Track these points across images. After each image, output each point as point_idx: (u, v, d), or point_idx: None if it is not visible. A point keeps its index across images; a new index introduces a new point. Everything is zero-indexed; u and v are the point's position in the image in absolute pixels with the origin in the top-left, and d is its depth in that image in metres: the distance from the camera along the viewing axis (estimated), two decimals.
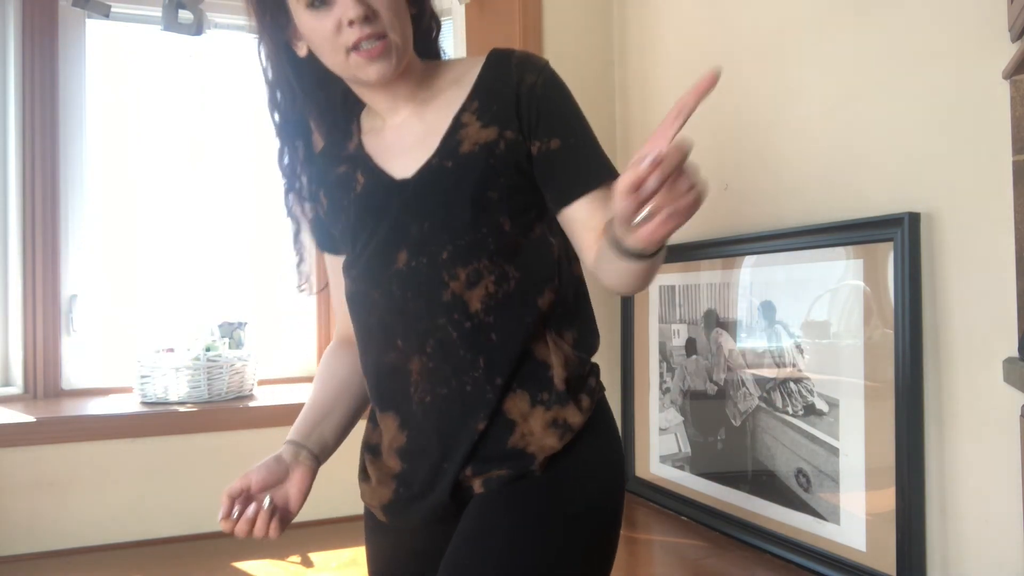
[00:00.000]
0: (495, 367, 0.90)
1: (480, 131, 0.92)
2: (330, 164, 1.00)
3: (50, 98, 1.94)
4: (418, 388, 0.93)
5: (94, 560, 1.68)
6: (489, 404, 0.90)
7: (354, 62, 0.89)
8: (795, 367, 1.52)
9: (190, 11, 1.91)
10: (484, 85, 0.95)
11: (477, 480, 0.91)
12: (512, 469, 0.90)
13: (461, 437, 0.91)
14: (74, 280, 1.99)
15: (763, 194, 1.67)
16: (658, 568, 1.56)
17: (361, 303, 0.96)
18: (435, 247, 0.90)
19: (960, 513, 1.25)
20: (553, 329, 0.94)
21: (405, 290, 0.91)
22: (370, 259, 0.94)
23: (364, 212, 0.95)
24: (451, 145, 0.92)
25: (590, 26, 2.24)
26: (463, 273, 0.90)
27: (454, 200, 0.91)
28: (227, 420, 1.85)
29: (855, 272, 1.40)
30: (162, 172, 2.14)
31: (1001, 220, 1.16)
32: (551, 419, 0.91)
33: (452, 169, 0.91)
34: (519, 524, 0.88)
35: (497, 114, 0.93)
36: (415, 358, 0.92)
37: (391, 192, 0.94)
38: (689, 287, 1.85)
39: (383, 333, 0.94)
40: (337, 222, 0.99)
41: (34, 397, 1.92)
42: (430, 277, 0.90)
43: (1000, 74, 1.14)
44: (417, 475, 0.94)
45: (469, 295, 0.90)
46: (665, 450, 1.92)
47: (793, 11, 1.58)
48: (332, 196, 0.99)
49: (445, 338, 0.90)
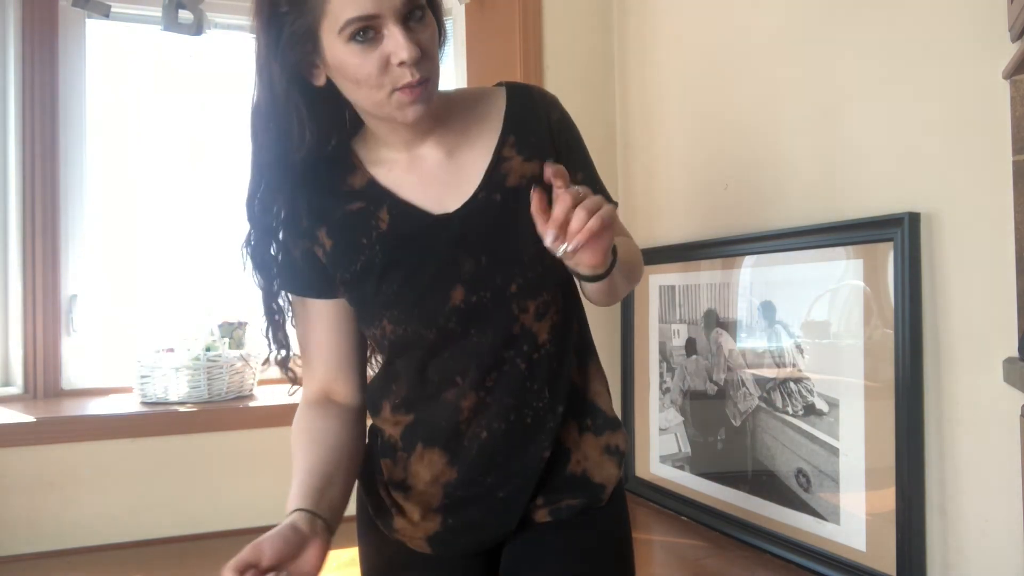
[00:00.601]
0: (558, 396, 0.92)
1: (524, 164, 0.92)
2: (333, 200, 0.92)
3: (50, 98, 1.94)
4: (471, 424, 0.92)
5: (94, 560, 1.68)
6: (551, 433, 0.91)
7: (396, 102, 0.85)
8: (795, 367, 1.52)
9: (190, 11, 1.91)
10: (515, 119, 0.94)
11: (544, 509, 0.94)
12: (585, 499, 0.94)
13: (523, 468, 0.92)
14: (74, 280, 1.99)
15: (763, 194, 1.67)
16: (658, 568, 1.56)
17: (414, 346, 0.92)
18: (501, 281, 0.89)
19: (960, 513, 1.25)
20: (587, 355, 0.99)
21: (467, 326, 0.90)
22: (418, 299, 0.89)
23: (397, 250, 0.89)
24: (497, 179, 0.91)
25: (590, 26, 2.24)
26: (532, 306, 0.90)
27: (518, 234, 0.88)
28: (227, 420, 1.85)
29: (855, 272, 1.40)
30: (162, 172, 2.14)
31: (1001, 220, 1.16)
32: (604, 445, 0.96)
33: (503, 203, 0.90)
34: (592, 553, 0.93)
35: (536, 148, 0.93)
36: (471, 394, 0.91)
37: (433, 227, 0.90)
38: (689, 287, 1.85)
39: (441, 373, 0.92)
40: (351, 263, 0.90)
41: (34, 397, 1.92)
42: (498, 311, 0.89)
43: (1000, 74, 1.14)
44: (470, 506, 0.94)
45: (538, 327, 0.91)
46: (665, 450, 1.92)
47: (793, 11, 1.58)
48: (342, 235, 0.91)
49: (512, 371, 0.90)
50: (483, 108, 0.96)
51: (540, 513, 0.94)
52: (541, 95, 0.98)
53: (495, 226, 0.90)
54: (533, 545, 0.94)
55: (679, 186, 1.98)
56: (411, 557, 0.98)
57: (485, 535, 0.95)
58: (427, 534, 0.95)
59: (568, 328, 0.95)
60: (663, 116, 2.05)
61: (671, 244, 1.91)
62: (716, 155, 1.83)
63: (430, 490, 0.94)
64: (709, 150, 1.87)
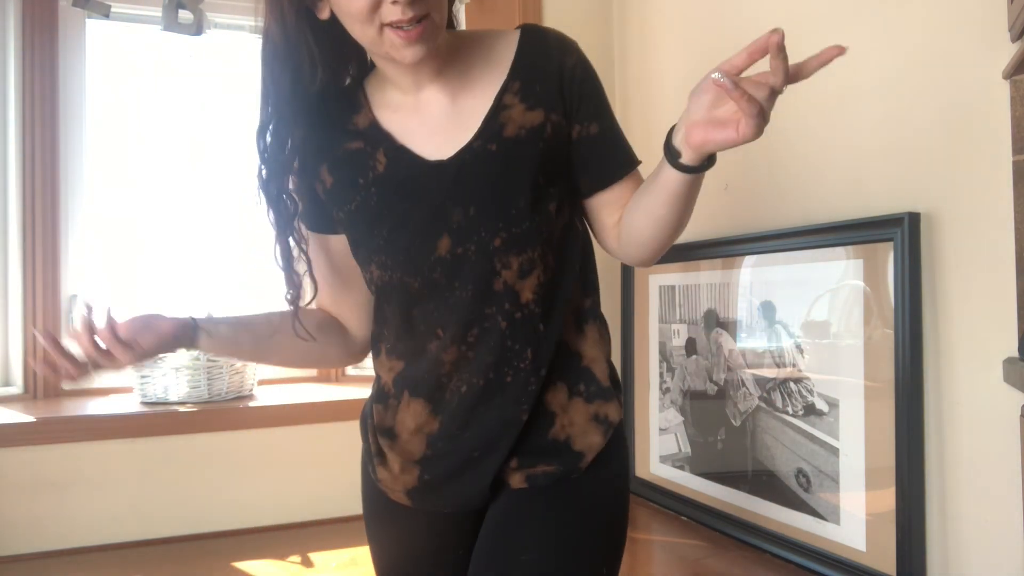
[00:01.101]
0: (541, 358, 0.89)
1: (525, 114, 0.88)
2: (337, 138, 0.92)
3: (50, 98, 1.94)
4: (452, 378, 0.90)
5: (94, 560, 1.68)
6: (532, 396, 0.89)
7: (389, 41, 0.82)
8: (795, 367, 1.52)
9: (190, 11, 1.91)
10: (523, 64, 0.90)
11: (519, 474, 0.90)
12: (561, 466, 0.90)
13: (501, 428, 0.90)
14: (74, 280, 1.99)
15: (763, 194, 1.67)
16: (658, 568, 1.56)
17: (399, 293, 0.91)
18: (486, 234, 0.86)
19: (960, 513, 1.25)
20: (585, 319, 0.95)
21: (451, 279, 0.88)
22: (406, 246, 0.88)
23: (391, 195, 0.88)
24: (494, 128, 0.88)
25: (590, 26, 2.24)
26: (516, 262, 0.87)
27: (507, 186, 0.86)
28: (227, 420, 1.85)
29: (855, 272, 1.40)
30: (162, 172, 2.14)
31: (1001, 220, 1.16)
32: (593, 413, 0.92)
33: (498, 153, 0.87)
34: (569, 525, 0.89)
35: (541, 96, 0.89)
36: (453, 348, 0.89)
37: (426, 175, 0.88)
38: (689, 287, 1.85)
39: (425, 323, 0.90)
40: (347, 203, 0.91)
41: (34, 397, 1.92)
42: (480, 265, 0.87)
43: (1000, 74, 1.14)
44: (444, 461, 0.92)
45: (521, 285, 0.88)
46: (665, 450, 1.92)
47: (793, 11, 1.58)
48: (341, 174, 0.91)
49: (492, 327, 0.88)
50: (492, 51, 0.92)
51: (516, 477, 0.91)
52: (558, 40, 0.93)
53: (486, 176, 0.87)
54: (509, 513, 0.91)
55: None
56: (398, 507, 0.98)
57: (459, 494, 0.93)
58: (405, 487, 0.95)
59: (556, 289, 0.91)
60: (663, 116, 2.05)
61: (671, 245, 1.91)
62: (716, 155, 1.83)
63: (414, 440, 0.94)
64: None
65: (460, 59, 0.92)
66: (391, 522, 1.01)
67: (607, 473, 0.93)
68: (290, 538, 1.80)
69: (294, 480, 1.89)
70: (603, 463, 0.92)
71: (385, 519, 1.01)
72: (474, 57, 0.92)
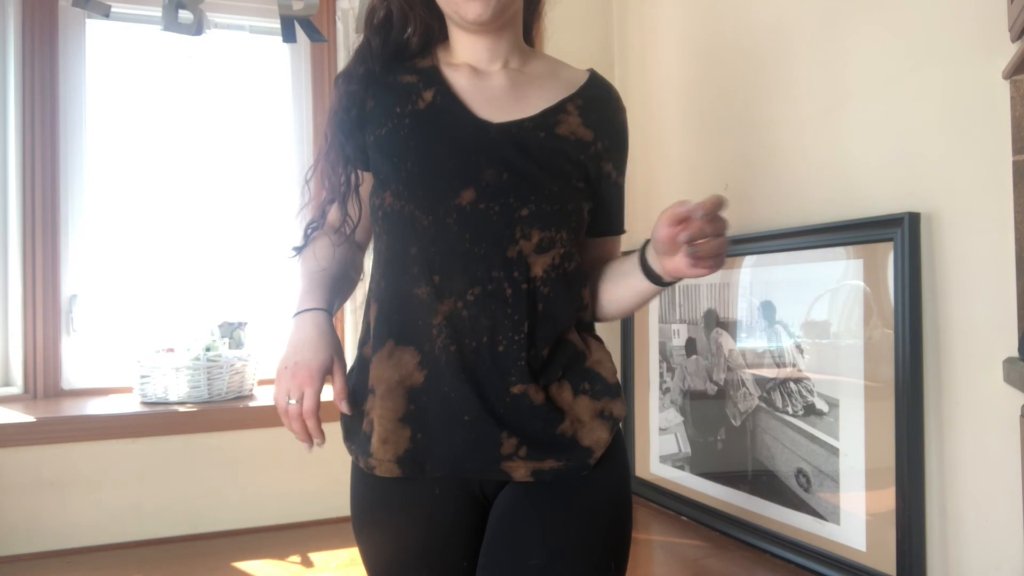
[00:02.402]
0: (536, 338, 0.89)
1: (580, 127, 0.93)
2: (392, 70, 0.95)
3: (50, 98, 1.94)
4: (442, 333, 0.88)
5: (94, 560, 1.68)
6: (523, 372, 0.88)
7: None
8: (795, 367, 1.52)
9: (190, 11, 1.91)
10: (588, 94, 0.97)
11: (525, 467, 0.89)
12: (570, 461, 0.89)
13: (491, 396, 0.88)
14: (74, 280, 1.99)
15: (763, 194, 1.67)
16: (658, 568, 1.56)
17: (404, 225, 0.90)
18: (515, 200, 0.88)
19: (960, 513, 1.25)
20: (589, 327, 0.98)
21: (464, 229, 0.88)
22: (428, 184, 0.89)
23: (425, 131, 0.90)
24: (550, 121, 0.92)
25: (590, 26, 2.24)
26: (537, 236, 0.89)
27: (546, 167, 0.90)
28: (227, 420, 1.85)
29: (855, 272, 1.40)
30: (162, 172, 2.14)
31: (1001, 220, 1.16)
32: (599, 410, 0.92)
33: (545, 141, 0.91)
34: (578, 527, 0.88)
35: (598, 124, 0.95)
36: (449, 301, 0.88)
37: (468, 126, 0.91)
38: (689, 287, 1.85)
39: (421, 264, 0.89)
40: (378, 127, 0.93)
41: (34, 397, 1.92)
42: (500, 228, 0.88)
43: (1000, 74, 1.14)
44: (433, 417, 0.89)
45: (536, 260, 0.89)
46: (665, 450, 1.92)
47: (793, 11, 1.58)
48: (382, 99, 0.94)
49: (496, 292, 0.88)
50: (561, 72, 0.99)
51: (521, 470, 0.89)
52: (619, 97, 1.02)
53: (530, 154, 0.90)
54: (516, 511, 0.89)
55: (679, 186, 1.98)
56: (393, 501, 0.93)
57: (453, 457, 0.89)
58: (397, 453, 0.90)
59: (567, 279, 0.92)
60: (663, 116, 2.05)
61: None
62: (716, 155, 1.83)
63: (393, 394, 0.90)
64: (709, 150, 1.87)
65: (529, 62, 0.99)
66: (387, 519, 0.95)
67: (613, 472, 0.93)
68: (290, 538, 1.80)
69: (294, 480, 1.89)
70: (609, 461, 0.92)
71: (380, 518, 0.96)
72: (543, 68, 0.99)
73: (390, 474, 0.91)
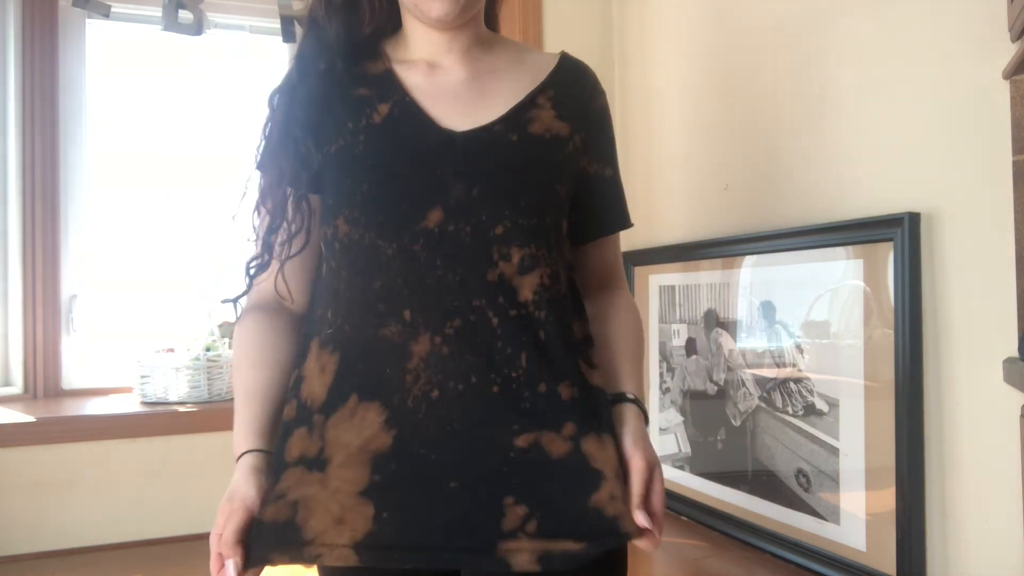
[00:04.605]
0: (541, 370, 0.76)
1: (555, 120, 0.84)
2: (341, 83, 0.84)
3: (50, 98, 1.94)
4: (419, 378, 0.75)
5: (94, 560, 1.68)
6: (527, 416, 0.73)
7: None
8: (795, 367, 1.52)
9: (190, 11, 1.91)
10: (561, 81, 0.88)
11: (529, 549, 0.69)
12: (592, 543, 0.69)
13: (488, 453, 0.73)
14: (74, 280, 1.99)
15: (763, 194, 1.67)
16: (658, 568, 1.56)
17: (364, 256, 0.78)
18: (488, 218, 0.77)
19: (960, 513, 1.25)
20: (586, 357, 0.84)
21: (434, 256, 0.77)
22: (389, 206, 0.78)
23: (382, 147, 0.80)
24: (521, 119, 0.83)
25: (590, 25, 2.24)
26: (517, 255, 0.78)
27: (523, 178, 0.80)
28: (227, 420, 1.81)
29: (855, 272, 1.40)
30: (162, 172, 2.14)
31: (1001, 220, 1.16)
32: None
33: (519, 144, 0.82)
34: None
35: (572, 114, 0.86)
36: (424, 338, 0.75)
37: (431, 137, 0.80)
38: (689, 287, 1.85)
39: (387, 300, 0.77)
40: (327, 144, 0.82)
41: (34, 397, 1.92)
42: (474, 249, 0.77)
43: (1000, 74, 1.14)
44: (404, 491, 0.73)
45: (521, 282, 0.78)
46: (665, 450, 1.92)
47: (792, 11, 1.58)
48: (332, 115, 0.83)
49: (480, 322, 0.75)
50: (527, 58, 0.91)
51: (524, 555, 0.68)
52: (595, 78, 0.93)
53: (501, 163, 0.80)
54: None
55: (679, 186, 1.98)
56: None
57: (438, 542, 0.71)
58: (355, 537, 0.71)
59: (562, 300, 0.81)
60: (663, 116, 2.05)
61: (671, 244, 1.91)
62: (716, 155, 1.83)
63: (352, 463, 0.74)
64: (709, 150, 1.87)
65: (492, 50, 0.90)
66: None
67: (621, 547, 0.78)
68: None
69: None
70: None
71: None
72: (508, 55, 0.91)
73: (343, 562, 0.72)
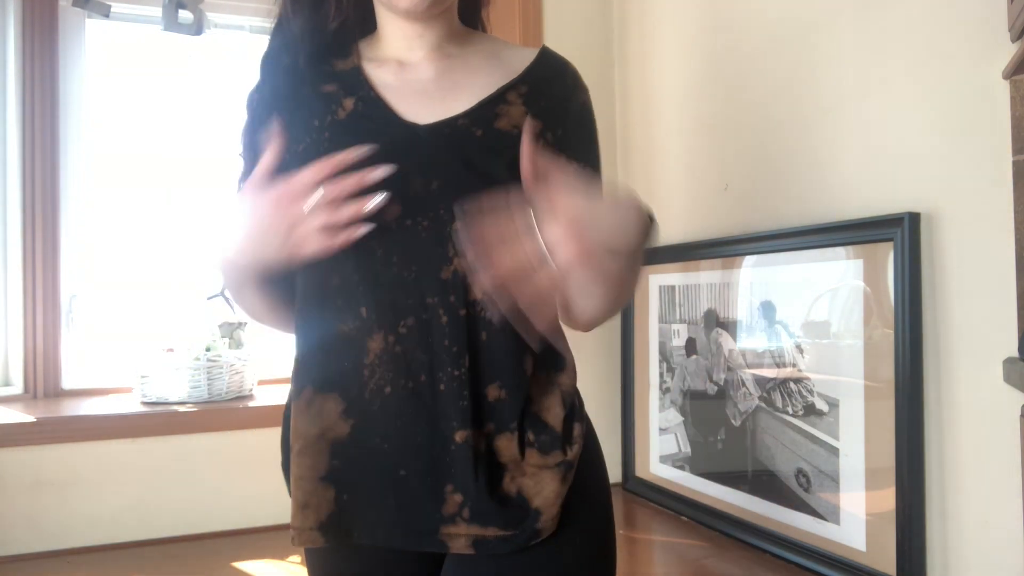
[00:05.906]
0: (481, 371, 0.78)
1: (524, 116, 0.82)
2: (309, 79, 0.85)
3: (50, 98, 1.94)
4: (374, 374, 0.78)
5: (94, 560, 1.68)
6: (464, 415, 0.77)
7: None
8: (795, 367, 1.52)
9: (190, 11, 1.91)
10: (536, 77, 0.86)
11: (465, 534, 0.76)
12: (516, 530, 0.76)
13: (429, 445, 0.78)
14: (74, 280, 1.99)
15: (763, 194, 1.67)
16: (658, 568, 1.56)
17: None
18: (445, 213, 0.77)
19: (960, 513, 1.25)
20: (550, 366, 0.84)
21: (391, 251, 0.78)
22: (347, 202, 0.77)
23: (346, 142, 0.77)
24: (487, 114, 0.82)
25: (590, 25, 2.24)
26: None
27: (483, 173, 0.79)
28: (227, 420, 1.85)
29: (855, 272, 1.40)
30: (162, 172, 2.14)
31: (1001, 220, 1.16)
32: (551, 463, 0.80)
33: (483, 139, 0.80)
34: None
35: (546, 112, 0.84)
36: (379, 336, 0.77)
37: (393, 131, 0.80)
38: (689, 287, 1.85)
39: (345, 297, 0.79)
40: (295, 143, 0.81)
41: (34, 397, 1.92)
42: (430, 245, 0.77)
43: (1000, 74, 1.14)
44: (361, 475, 0.79)
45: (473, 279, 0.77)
46: (665, 450, 1.92)
47: (792, 11, 1.58)
48: (300, 113, 0.83)
49: (432, 320, 0.77)
50: (503, 53, 0.89)
51: (461, 540, 0.76)
52: (576, 74, 0.90)
53: (462, 159, 0.79)
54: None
55: (679, 186, 1.98)
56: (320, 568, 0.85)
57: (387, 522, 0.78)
58: (319, 518, 0.79)
59: None
60: (663, 116, 2.05)
61: (671, 244, 1.91)
62: (716, 155, 1.83)
63: (312, 449, 0.79)
64: (709, 150, 1.87)
65: (466, 45, 0.89)
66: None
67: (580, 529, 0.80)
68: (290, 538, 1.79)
69: None
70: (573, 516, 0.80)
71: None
72: (482, 50, 0.89)
73: (312, 544, 0.80)
